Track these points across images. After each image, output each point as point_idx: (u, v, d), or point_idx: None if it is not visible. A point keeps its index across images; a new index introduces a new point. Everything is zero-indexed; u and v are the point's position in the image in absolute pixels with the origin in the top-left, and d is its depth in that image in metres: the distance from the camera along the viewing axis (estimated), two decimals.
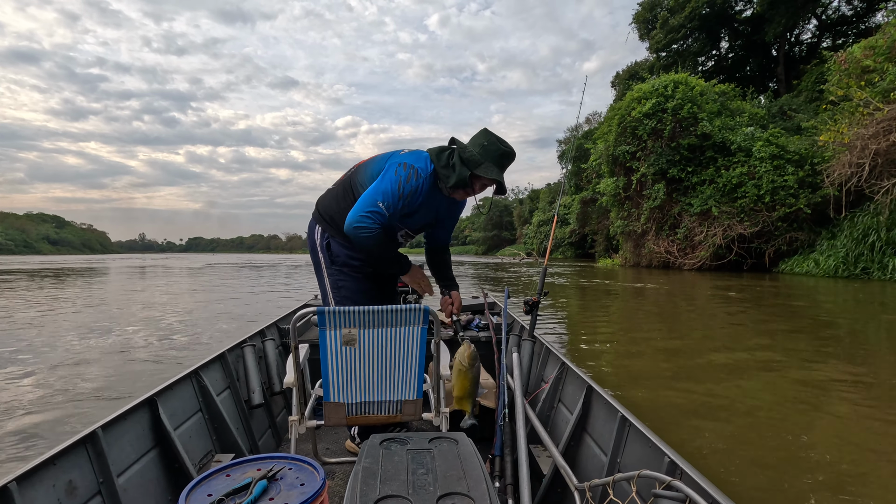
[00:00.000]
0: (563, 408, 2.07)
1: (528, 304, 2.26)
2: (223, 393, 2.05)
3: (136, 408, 1.50)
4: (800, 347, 5.10)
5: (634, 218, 21.44)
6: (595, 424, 1.74)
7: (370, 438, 1.36)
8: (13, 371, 4.46)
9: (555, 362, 2.28)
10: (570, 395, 2.02)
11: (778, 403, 3.36)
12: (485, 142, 1.88)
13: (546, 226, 51.43)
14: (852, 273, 13.79)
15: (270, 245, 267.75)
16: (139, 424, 1.50)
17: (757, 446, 2.67)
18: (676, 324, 6.96)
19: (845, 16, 27.89)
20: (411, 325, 1.77)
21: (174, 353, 5.12)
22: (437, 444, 1.25)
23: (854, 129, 13.70)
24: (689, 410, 3.24)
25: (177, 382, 1.75)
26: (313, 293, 3.77)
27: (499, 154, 1.87)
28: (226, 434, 1.88)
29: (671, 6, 30.86)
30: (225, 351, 2.18)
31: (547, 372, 2.39)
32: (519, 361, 2.04)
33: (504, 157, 1.88)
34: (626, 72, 37.20)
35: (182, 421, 1.72)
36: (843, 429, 2.92)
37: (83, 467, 1.23)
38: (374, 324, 1.76)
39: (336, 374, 1.74)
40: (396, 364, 1.74)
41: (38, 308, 8.99)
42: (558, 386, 2.15)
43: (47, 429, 3.03)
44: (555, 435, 1.99)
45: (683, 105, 18.99)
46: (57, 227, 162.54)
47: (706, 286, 12.43)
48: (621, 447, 1.48)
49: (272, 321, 2.92)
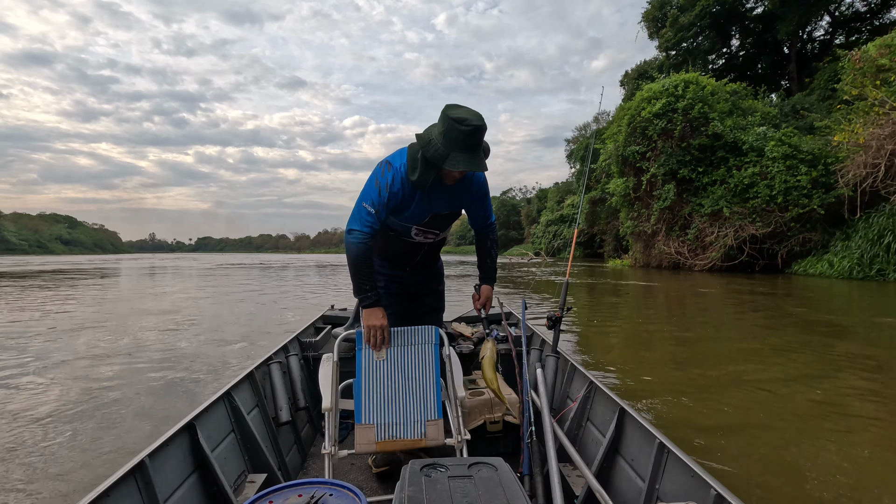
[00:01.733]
0: (593, 427, 2.05)
1: (552, 319, 2.25)
2: (252, 411, 2.07)
3: (178, 433, 1.51)
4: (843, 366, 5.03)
5: (644, 218, 21.30)
6: (629, 448, 1.72)
7: (410, 464, 1.37)
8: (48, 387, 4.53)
9: (581, 380, 2.27)
10: (601, 416, 2.00)
11: (825, 425, 3.32)
12: (443, 128, 1.66)
13: (554, 225, 51.25)
14: (867, 275, 13.61)
15: (279, 245, 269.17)
16: (180, 450, 1.52)
17: (812, 479, 2.41)
18: (699, 327, 6.91)
19: (859, 12, 27.48)
20: (424, 344, 1.91)
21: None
22: (477, 470, 1.26)
23: (869, 128, 13.51)
24: (723, 430, 3.20)
25: (212, 405, 1.76)
26: (327, 300, 3.80)
27: (462, 137, 1.63)
28: (257, 453, 1.90)
29: (681, 4, 30.58)
30: (253, 369, 2.20)
31: (573, 390, 2.37)
32: (544, 378, 2.04)
33: (469, 136, 1.64)
34: (635, 71, 36.96)
35: (217, 443, 1.73)
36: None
37: (133, 497, 1.25)
38: (392, 343, 1.89)
39: (368, 395, 1.80)
40: (416, 383, 1.84)
41: (84, 313, 9.12)
42: (586, 405, 2.13)
43: (100, 450, 3.02)
44: (585, 455, 1.98)
45: (694, 105, 18.83)
46: (69, 227, 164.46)
47: (728, 288, 12.33)
48: (660, 474, 1.47)
49: (294, 335, 2.93)
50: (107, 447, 2.91)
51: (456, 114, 1.66)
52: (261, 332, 6.61)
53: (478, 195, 2.05)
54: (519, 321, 3.14)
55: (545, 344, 2.71)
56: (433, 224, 1.98)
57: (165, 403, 3.70)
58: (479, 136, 1.67)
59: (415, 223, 1.93)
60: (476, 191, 2.03)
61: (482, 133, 1.68)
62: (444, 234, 2.13)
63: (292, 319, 7.56)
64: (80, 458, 2.77)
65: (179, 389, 4.06)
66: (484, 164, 1.72)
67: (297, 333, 2.98)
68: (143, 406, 3.65)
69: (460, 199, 1.99)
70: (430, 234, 2.05)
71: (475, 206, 2.08)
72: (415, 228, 1.96)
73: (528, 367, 2.28)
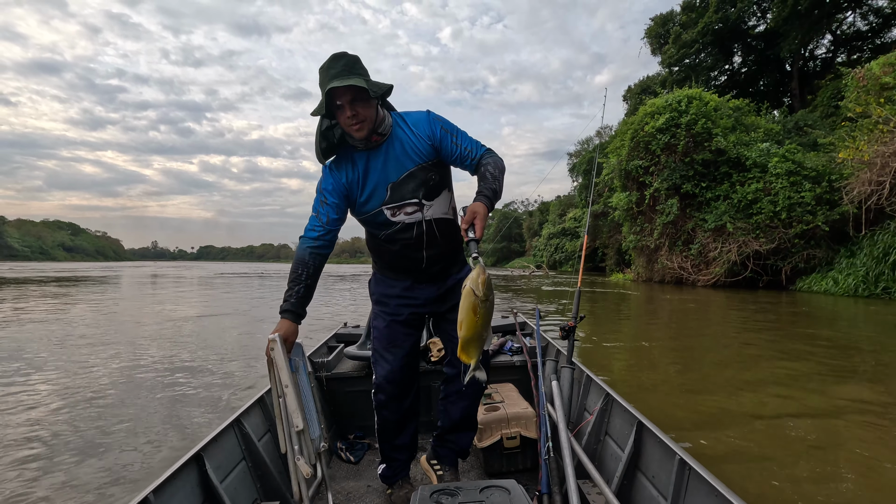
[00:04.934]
0: (611, 441, 1.99)
1: (565, 329, 2.21)
2: (264, 437, 2.01)
3: (184, 466, 1.46)
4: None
5: (647, 233, 21.26)
6: (649, 464, 1.66)
7: (419, 491, 1.35)
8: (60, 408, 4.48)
9: (598, 392, 2.21)
10: (619, 429, 1.94)
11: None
12: (319, 82, 1.56)
13: (556, 238, 51.27)
14: (873, 293, 13.52)
15: (280, 254, 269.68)
16: (188, 483, 1.47)
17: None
18: (714, 348, 6.84)
19: (860, 31, 27.77)
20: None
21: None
22: (489, 494, 1.22)
23: (874, 146, 13.53)
24: (747, 450, 3.14)
25: (221, 433, 1.72)
26: (340, 315, 3.76)
27: (325, 68, 1.52)
28: (269, 481, 1.85)
29: (684, 21, 30.95)
30: (263, 394, 2.15)
31: (590, 402, 2.32)
32: (559, 391, 1.99)
33: (331, 64, 1.51)
34: (638, 86, 37.21)
35: (227, 472, 1.69)
36: None
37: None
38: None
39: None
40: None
41: (93, 326, 9.07)
42: (604, 418, 2.07)
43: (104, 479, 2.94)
44: (604, 471, 1.92)
45: (697, 120, 18.91)
46: (72, 234, 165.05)
47: (735, 306, 12.25)
48: (682, 492, 1.41)
49: (307, 355, 2.87)
50: (106, 479, 2.79)
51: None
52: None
53: (430, 137, 1.71)
54: (533, 331, 3.08)
55: (560, 354, 2.65)
56: (401, 195, 1.70)
57: (174, 428, 3.62)
58: (342, 61, 1.50)
59: (380, 203, 1.70)
60: (423, 132, 1.71)
61: (346, 58, 1.52)
62: (435, 205, 1.76)
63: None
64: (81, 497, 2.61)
65: (190, 412, 3.99)
66: (359, 79, 1.49)
67: (309, 353, 2.90)
68: (151, 431, 3.51)
69: (405, 150, 1.69)
70: (411, 207, 1.73)
71: (443, 146, 1.71)
72: (386, 210, 1.71)
73: (543, 379, 2.23)
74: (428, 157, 1.71)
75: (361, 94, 1.52)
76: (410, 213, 1.73)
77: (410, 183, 1.70)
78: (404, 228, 1.75)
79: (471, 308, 1.36)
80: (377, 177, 1.68)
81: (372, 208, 1.72)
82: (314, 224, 1.69)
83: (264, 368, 1.94)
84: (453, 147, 1.71)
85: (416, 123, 1.71)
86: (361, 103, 1.54)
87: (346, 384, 2.70)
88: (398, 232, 1.75)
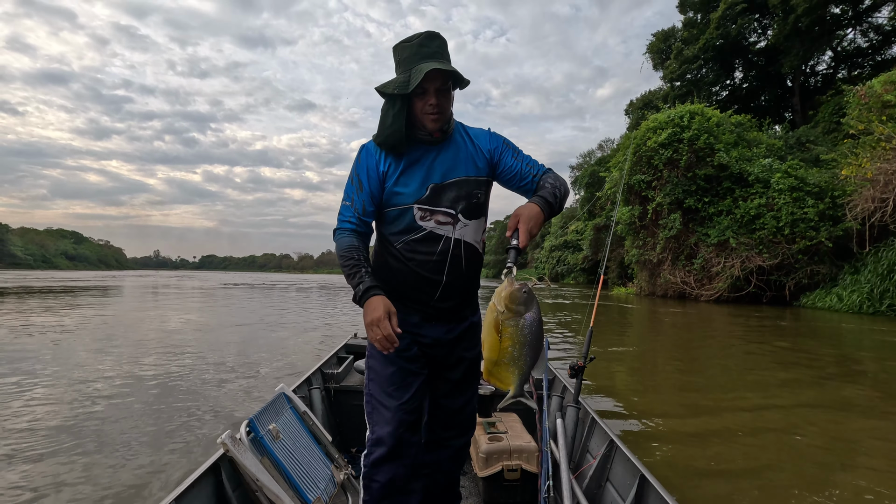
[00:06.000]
0: (613, 489, 1.96)
1: (574, 368, 2.17)
2: None
3: (207, 473, 1.49)
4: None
5: (650, 247, 21.24)
6: None
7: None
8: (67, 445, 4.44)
9: (602, 436, 2.18)
10: (621, 478, 1.92)
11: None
12: (399, 56, 1.44)
13: (558, 251, 51.22)
14: (878, 310, 13.43)
15: (282, 264, 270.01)
16: (203, 492, 1.51)
17: None
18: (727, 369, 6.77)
19: (861, 48, 27.97)
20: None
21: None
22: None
23: (877, 163, 13.55)
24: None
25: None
26: (355, 326, 3.76)
27: (416, 47, 1.39)
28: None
29: (685, 37, 31.23)
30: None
31: (593, 445, 2.28)
32: (564, 430, 1.96)
33: (423, 45, 1.39)
34: (640, 100, 37.50)
35: (238, 483, 1.70)
36: None
37: None
38: None
39: None
40: None
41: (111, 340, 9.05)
42: (607, 464, 2.04)
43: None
44: None
45: (700, 135, 18.98)
46: (75, 242, 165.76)
47: (740, 323, 12.17)
48: None
49: (317, 366, 2.86)
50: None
51: (406, 38, 1.43)
52: (275, 365, 6.51)
53: (489, 152, 1.57)
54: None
55: (566, 391, 2.62)
56: (440, 200, 1.49)
57: (185, 441, 3.60)
58: (437, 41, 1.40)
59: (414, 199, 1.47)
60: (483, 146, 1.57)
61: (439, 39, 1.41)
62: (470, 227, 1.53)
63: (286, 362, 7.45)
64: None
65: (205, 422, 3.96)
66: (453, 68, 1.40)
67: (319, 364, 2.92)
68: (174, 436, 3.52)
69: (458, 156, 1.53)
70: (444, 217, 1.49)
71: (503, 160, 1.57)
72: (417, 209, 1.48)
73: (547, 414, 2.20)
74: (481, 172, 1.56)
75: (449, 82, 1.42)
76: (442, 222, 1.49)
77: (454, 191, 1.50)
78: (429, 239, 1.49)
79: (491, 325, 1.23)
80: (422, 173, 1.48)
81: (402, 202, 1.48)
82: (348, 216, 1.49)
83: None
84: (514, 162, 1.56)
85: (476, 136, 1.59)
86: (445, 93, 1.43)
87: (354, 397, 2.69)
88: (420, 242, 1.49)
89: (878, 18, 26.46)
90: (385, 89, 1.42)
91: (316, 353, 6.66)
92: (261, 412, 1.92)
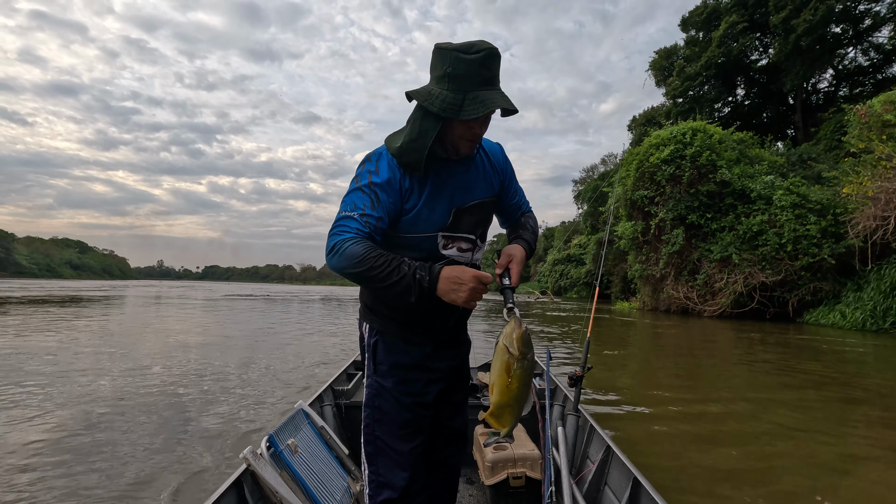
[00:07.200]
0: (610, 493, 2.06)
1: (573, 377, 2.29)
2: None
3: (231, 487, 1.55)
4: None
5: (653, 262, 21.29)
6: None
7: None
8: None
9: (600, 442, 2.28)
10: (617, 482, 2.02)
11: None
12: (443, 68, 1.20)
13: (560, 265, 51.27)
14: (881, 327, 13.42)
15: (285, 275, 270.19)
16: (233, 500, 1.57)
17: None
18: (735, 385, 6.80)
19: (862, 66, 28.25)
20: None
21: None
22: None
23: (878, 182, 13.65)
24: None
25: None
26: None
27: (476, 67, 1.17)
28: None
29: (687, 55, 31.64)
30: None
31: (592, 451, 2.38)
32: (565, 437, 2.06)
33: (485, 64, 1.18)
34: (642, 116, 37.85)
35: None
36: None
37: None
38: None
39: None
40: None
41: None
42: (604, 469, 2.15)
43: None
44: None
45: (702, 152, 19.14)
46: (80, 252, 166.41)
47: (744, 338, 12.17)
48: None
49: (328, 384, 2.92)
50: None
51: (457, 44, 1.19)
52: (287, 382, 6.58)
53: (502, 172, 1.47)
54: (543, 371, 3.14)
55: (567, 400, 2.71)
56: (462, 225, 1.38)
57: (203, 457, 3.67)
58: (497, 61, 1.21)
59: (439, 226, 1.33)
60: (498, 164, 1.46)
61: (499, 58, 1.21)
62: (481, 249, 1.48)
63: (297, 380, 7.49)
64: None
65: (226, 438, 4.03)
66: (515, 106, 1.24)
67: (330, 381, 2.98)
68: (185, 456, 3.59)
69: (480, 177, 1.41)
70: (466, 244, 1.40)
71: (511, 185, 1.50)
72: (441, 237, 1.35)
73: (550, 422, 2.29)
74: (495, 192, 1.46)
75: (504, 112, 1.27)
76: (464, 249, 1.39)
77: (475, 214, 1.40)
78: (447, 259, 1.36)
79: (503, 368, 1.18)
80: (447, 196, 1.34)
81: (426, 230, 1.32)
82: (354, 227, 1.22)
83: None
84: (513, 193, 1.52)
85: (492, 152, 1.47)
86: (488, 120, 1.30)
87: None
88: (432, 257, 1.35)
89: (879, 38, 26.83)
90: (428, 106, 1.20)
91: (325, 368, 6.74)
92: (280, 428, 2.00)
